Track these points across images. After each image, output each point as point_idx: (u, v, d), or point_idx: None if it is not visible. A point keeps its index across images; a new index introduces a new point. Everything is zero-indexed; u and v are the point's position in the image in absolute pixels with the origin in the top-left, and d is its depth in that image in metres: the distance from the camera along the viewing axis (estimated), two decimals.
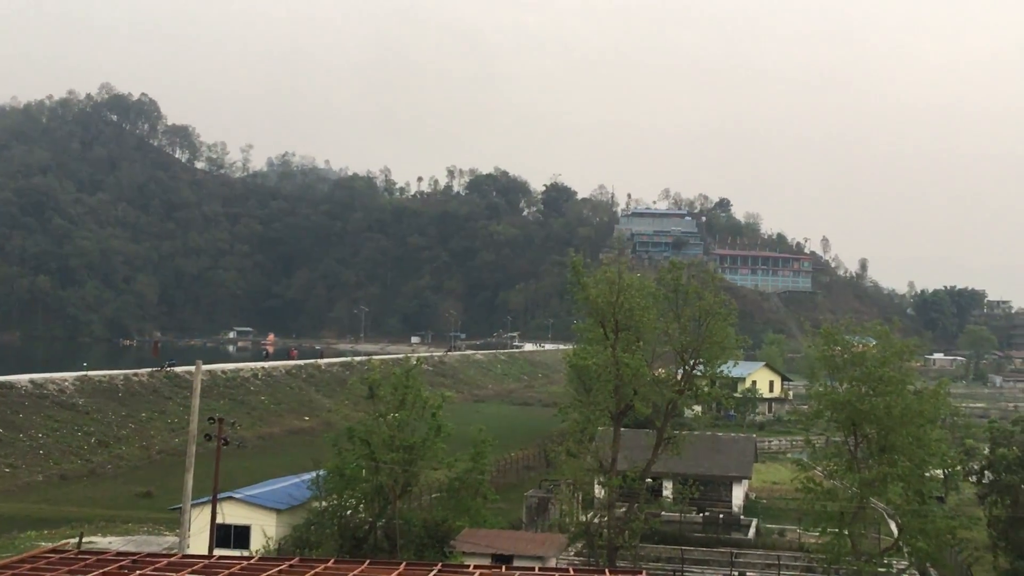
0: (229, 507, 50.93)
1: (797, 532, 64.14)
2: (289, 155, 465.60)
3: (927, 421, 49.51)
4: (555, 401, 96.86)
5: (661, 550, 60.11)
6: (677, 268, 54.36)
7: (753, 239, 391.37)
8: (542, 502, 66.29)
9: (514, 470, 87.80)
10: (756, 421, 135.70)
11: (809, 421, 53.72)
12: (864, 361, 50.49)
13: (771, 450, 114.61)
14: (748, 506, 75.60)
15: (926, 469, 50.72)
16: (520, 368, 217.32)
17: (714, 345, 52.74)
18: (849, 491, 49.04)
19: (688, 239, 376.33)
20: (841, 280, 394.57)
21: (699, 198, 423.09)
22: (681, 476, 66.66)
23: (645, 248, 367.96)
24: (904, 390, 49.60)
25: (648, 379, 52.68)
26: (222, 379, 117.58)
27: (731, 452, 76.72)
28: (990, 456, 53.35)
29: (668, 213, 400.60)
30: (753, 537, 66.53)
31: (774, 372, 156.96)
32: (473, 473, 52.48)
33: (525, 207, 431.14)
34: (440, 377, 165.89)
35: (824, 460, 51.19)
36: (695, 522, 68.58)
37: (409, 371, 51.59)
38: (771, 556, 60.26)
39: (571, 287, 56.01)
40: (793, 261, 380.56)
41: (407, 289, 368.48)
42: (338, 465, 49.87)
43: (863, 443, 49.96)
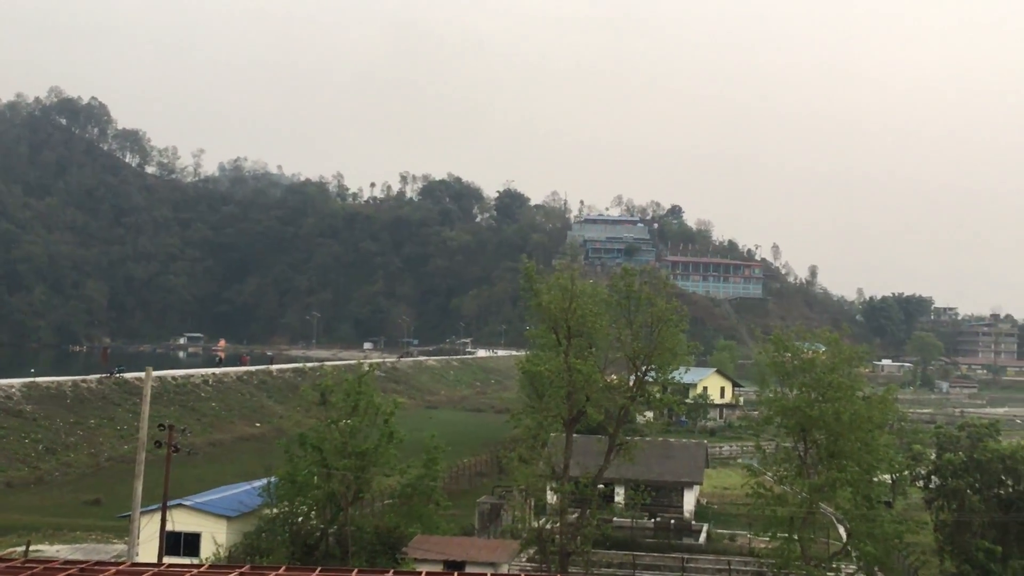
0: (179, 515, 50.56)
1: (747, 537, 64.54)
2: (241, 160, 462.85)
3: (875, 427, 49.98)
4: (508, 407, 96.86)
5: (613, 556, 60.31)
6: (629, 275, 54.58)
7: (705, 246, 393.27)
8: (494, 508, 66.27)
9: (466, 476, 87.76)
10: (707, 427, 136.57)
11: (759, 427, 54.16)
12: (814, 367, 50.96)
13: (722, 456, 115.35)
14: (699, 511, 76.00)
15: (874, 474, 51.18)
16: (473, 374, 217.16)
17: (666, 351, 52.96)
18: (799, 496, 49.41)
19: (640, 246, 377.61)
20: (791, 287, 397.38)
21: (651, 205, 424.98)
22: (633, 482, 66.84)
23: (598, 255, 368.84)
24: (853, 396, 50.06)
25: (600, 385, 52.80)
26: (172, 385, 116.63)
27: (682, 458, 77.09)
28: (937, 461, 53.97)
29: (620, 220, 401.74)
30: (704, 542, 66.90)
31: (725, 378, 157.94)
32: (425, 479, 52.42)
33: (478, 213, 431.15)
34: (393, 383, 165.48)
35: (774, 465, 51.54)
36: (647, 528, 68.83)
37: (361, 377, 51.46)
38: (722, 561, 60.62)
39: (524, 293, 56.12)
40: (744, 268, 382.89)
41: (359, 295, 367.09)
42: (290, 472, 49.63)
43: (813, 449, 50.38)
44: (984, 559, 48.44)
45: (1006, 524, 50.42)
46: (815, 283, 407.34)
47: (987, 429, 55.00)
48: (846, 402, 49.02)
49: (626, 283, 53.58)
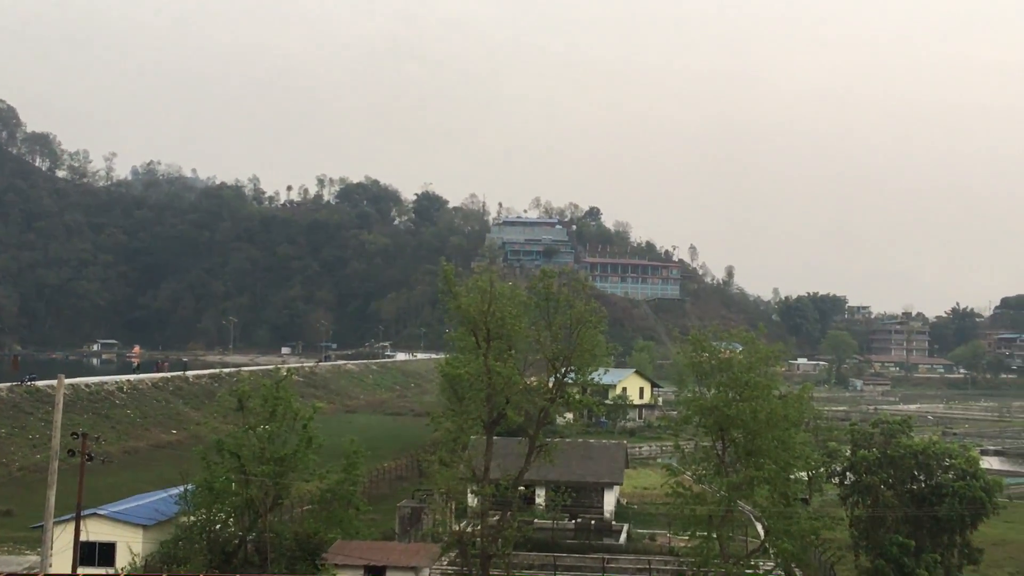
0: (93, 524, 49.67)
1: (667, 536, 64.99)
2: (154, 164, 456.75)
3: (791, 425, 50.57)
4: (428, 411, 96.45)
5: (534, 557, 60.39)
6: (548, 276, 54.67)
7: (623, 247, 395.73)
8: (415, 512, 66.05)
9: (386, 481, 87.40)
10: (627, 427, 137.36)
11: (678, 426, 54.50)
12: (731, 367, 51.42)
13: (642, 456, 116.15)
14: (619, 512, 76.38)
15: (791, 472, 51.77)
16: (392, 378, 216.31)
17: (585, 353, 53.12)
18: (717, 495, 49.85)
19: (559, 247, 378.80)
20: (709, 287, 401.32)
21: (569, 207, 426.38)
22: (553, 483, 67.01)
23: (517, 257, 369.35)
24: (769, 395, 50.61)
25: (520, 387, 52.82)
26: (86, 393, 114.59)
27: (602, 459, 77.40)
28: (851, 458, 54.75)
29: (539, 222, 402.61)
30: (624, 542, 67.26)
31: (644, 379, 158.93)
32: (345, 484, 52.07)
33: (396, 216, 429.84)
34: (311, 388, 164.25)
35: (693, 465, 51.93)
36: (567, 529, 69.01)
37: (279, 382, 51.00)
38: (642, 560, 61.00)
39: (443, 296, 55.94)
40: (662, 269, 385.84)
41: (277, 299, 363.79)
42: (207, 479, 48.99)
43: (730, 447, 50.84)
44: (898, 553, 49.26)
45: (919, 518, 51.34)
46: (732, 283, 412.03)
47: (900, 426, 55.93)
48: (763, 401, 49.53)
49: (545, 285, 53.65)
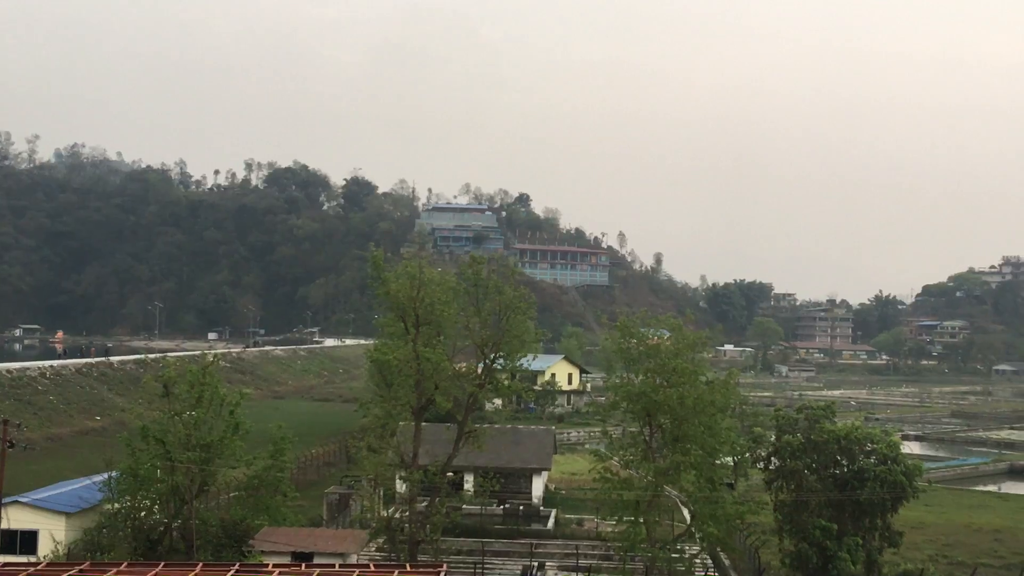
0: (15, 512, 48.98)
1: (595, 521, 65.45)
2: (79, 146, 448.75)
3: (718, 410, 51.11)
4: (356, 397, 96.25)
5: (462, 543, 60.51)
6: (477, 262, 54.68)
7: (553, 234, 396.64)
8: (343, 499, 65.88)
9: (314, 467, 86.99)
10: (555, 413, 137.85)
11: (606, 412, 54.83)
12: (658, 353, 51.81)
13: (570, 441, 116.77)
14: (548, 497, 76.72)
15: (717, 457, 52.35)
16: (321, 364, 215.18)
17: (514, 339, 53.27)
18: (644, 480, 50.25)
19: (489, 233, 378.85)
20: (637, 274, 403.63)
21: (499, 193, 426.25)
22: (482, 469, 67.13)
23: (446, 243, 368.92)
24: (696, 381, 51.09)
25: (449, 373, 52.85)
26: (7, 379, 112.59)
27: (531, 444, 77.64)
28: (776, 443, 55.35)
29: (469, 208, 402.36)
30: (552, 527, 67.60)
31: (573, 365, 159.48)
32: (272, 471, 51.78)
33: (325, 201, 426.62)
34: (238, 374, 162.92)
35: (620, 450, 52.27)
36: (496, 514, 69.24)
37: (206, 368, 50.49)
38: (570, 546, 61.34)
39: (372, 282, 55.78)
40: (591, 255, 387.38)
41: (204, 284, 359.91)
42: (131, 466, 48.41)
43: (658, 433, 51.27)
44: (820, 536, 49.99)
45: (841, 502, 52.10)
46: (660, 270, 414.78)
47: (823, 411, 56.64)
48: (690, 387, 50.01)
49: (474, 271, 53.68)
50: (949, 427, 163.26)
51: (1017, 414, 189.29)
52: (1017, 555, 62.71)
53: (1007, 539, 68.94)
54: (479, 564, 56.87)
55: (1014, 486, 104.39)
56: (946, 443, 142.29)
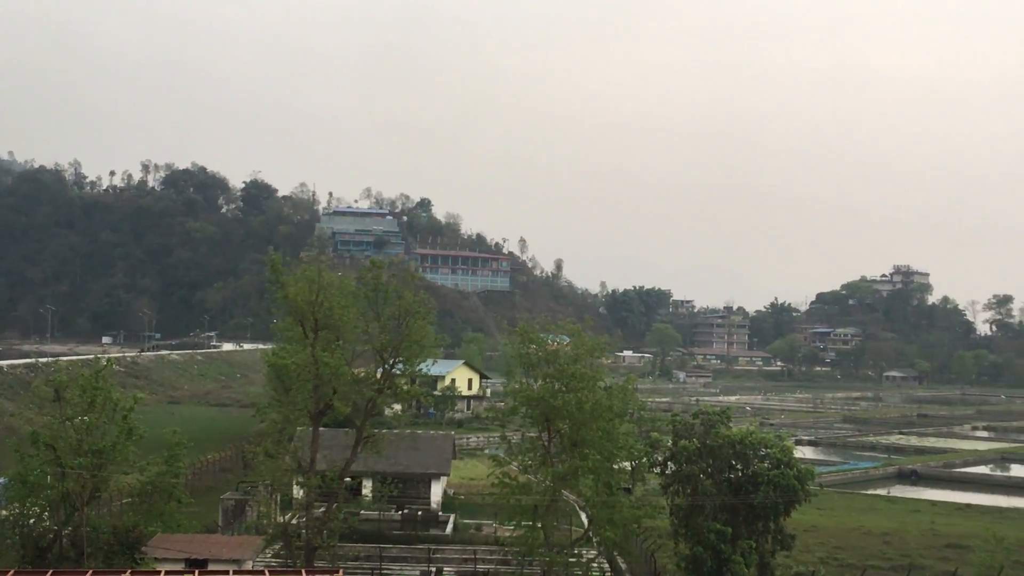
0: None
1: (493, 526, 65.51)
2: None
3: (616, 416, 51.45)
4: (253, 402, 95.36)
5: (360, 549, 60.18)
6: (377, 267, 54.48)
7: (453, 239, 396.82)
8: (239, 504, 65.13)
9: (210, 473, 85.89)
10: (455, 418, 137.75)
11: (505, 417, 54.91)
12: (557, 359, 52.03)
13: (470, 447, 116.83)
14: (446, 502, 76.69)
15: (615, 462, 52.69)
16: (218, 368, 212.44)
17: (414, 344, 53.14)
18: (543, 485, 50.41)
19: (389, 238, 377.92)
20: (538, 280, 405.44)
21: (400, 197, 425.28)
22: (380, 474, 66.88)
23: (347, 247, 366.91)
24: (595, 386, 51.40)
25: (348, 378, 52.54)
26: None
27: (430, 449, 77.57)
28: (673, 448, 55.88)
29: (370, 212, 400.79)
30: (451, 533, 67.57)
31: (473, 370, 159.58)
32: (166, 477, 50.93)
33: (224, 204, 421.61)
34: (133, 379, 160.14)
35: (519, 455, 52.45)
36: (394, 520, 68.99)
37: (99, 372, 49.50)
38: (468, 551, 61.40)
39: (270, 286, 55.22)
40: (492, 261, 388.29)
41: (98, 287, 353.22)
42: (20, 472, 47.28)
43: (556, 438, 51.47)
44: (715, 540, 50.62)
45: (735, 506, 52.81)
46: (561, 276, 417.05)
47: (719, 416, 57.34)
48: (588, 392, 50.29)
49: (374, 275, 53.47)
50: (841, 432, 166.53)
51: (906, 419, 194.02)
52: (904, 557, 64.22)
53: (895, 541, 70.58)
54: (376, 570, 56.62)
55: (902, 490, 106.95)
56: (838, 448, 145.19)
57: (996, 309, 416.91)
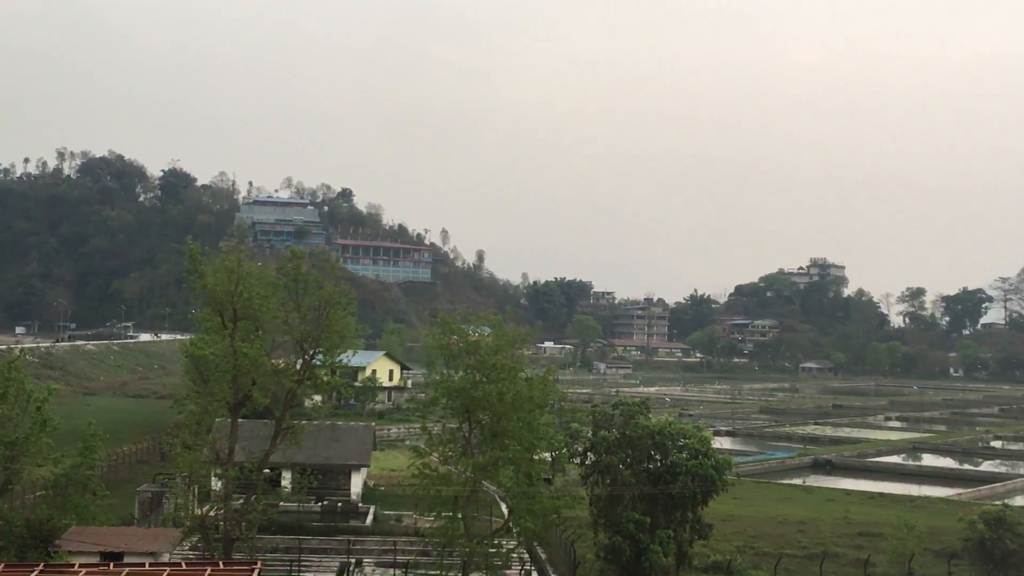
0: None
1: (413, 517, 65.53)
2: None
3: (536, 406, 51.67)
4: (171, 393, 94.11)
5: (279, 541, 59.89)
6: (298, 257, 54.13)
7: (375, 230, 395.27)
8: (156, 497, 64.45)
9: (126, 465, 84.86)
10: (376, 410, 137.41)
11: (426, 408, 54.93)
12: (478, 350, 52.13)
13: (390, 438, 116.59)
14: (366, 494, 76.56)
15: (535, 452, 52.90)
16: (135, 359, 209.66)
17: (334, 334, 52.86)
18: (463, 475, 50.49)
19: (311, 228, 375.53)
20: (460, 271, 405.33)
21: (322, 188, 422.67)
22: (300, 466, 66.57)
23: (267, 237, 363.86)
24: (516, 377, 51.54)
25: (267, 369, 52.15)
26: None
27: (350, 441, 77.36)
28: (592, 439, 56.28)
29: (290, 202, 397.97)
30: (371, 524, 67.46)
31: (394, 361, 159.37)
32: (81, 469, 50.15)
33: (142, 193, 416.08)
34: (47, 369, 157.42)
35: (440, 446, 52.42)
36: (314, 511, 68.75)
37: (11, 363, 48.60)
38: (388, 542, 61.35)
39: (188, 275, 54.60)
40: (414, 252, 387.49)
41: (11, 277, 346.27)
42: None
43: (477, 429, 51.56)
44: (634, 530, 51.07)
45: (654, 496, 53.33)
46: (482, 267, 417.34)
47: (638, 407, 57.84)
48: (509, 383, 50.42)
49: (294, 266, 53.08)
50: (758, 423, 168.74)
51: (821, 410, 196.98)
52: (819, 545, 65.27)
53: (810, 530, 71.65)
54: (296, 561, 56.35)
55: (817, 479, 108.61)
56: (755, 438, 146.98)
57: (909, 301, 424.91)
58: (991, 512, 57.06)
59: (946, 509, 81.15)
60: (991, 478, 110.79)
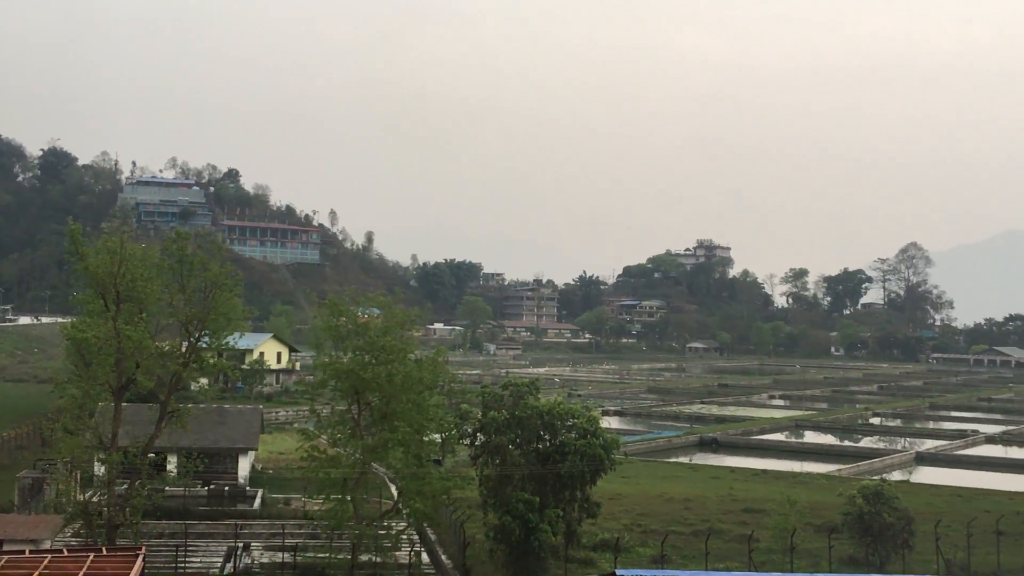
0: None
1: (302, 500, 65.13)
2: None
3: (426, 388, 51.64)
4: (52, 377, 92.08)
5: (164, 526, 59.06)
6: (183, 238, 53.28)
7: (263, 211, 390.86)
8: (36, 483, 63.09)
9: (6, 451, 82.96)
10: (264, 392, 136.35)
11: (314, 391, 54.53)
12: (368, 331, 51.91)
13: (279, 420, 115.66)
14: (254, 477, 75.89)
15: (425, 434, 52.87)
16: (13, 343, 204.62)
17: (220, 316, 52.18)
18: (352, 458, 50.32)
19: (196, 209, 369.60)
20: (348, 252, 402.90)
21: (208, 168, 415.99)
22: (186, 450, 65.76)
23: (151, 218, 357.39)
24: (405, 358, 51.43)
25: (151, 352, 51.30)
26: None
27: (237, 424, 76.59)
28: (482, 419, 56.46)
29: (175, 183, 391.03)
30: (259, 508, 66.89)
31: (282, 343, 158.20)
32: None
33: (20, 172, 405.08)
34: None
35: (329, 428, 52.13)
36: (200, 496, 67.89)
37: None
38: (276, 525, 60.87)
39: (69, 257, 53.39)
40: (302, 233, 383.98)
41: None
42: None
43: (366, 411, 51.39)
44: (524, 509, 51.36)
45: (543, 476, 53.70)
46: (372, 249, 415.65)
47: (527, 387, 58.13)
48: (398, 364, 50.31)
49: (179, 247, 52.26)
50: (646, 402, 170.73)
51: (707, 389, 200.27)
52: (705, 521, 66.41)
53: (696, 507, 72.86)
54: (181, 547, 55.61)
55: (703, 457, 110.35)
56: (643, 417, 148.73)
57: (792, 282, 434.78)
58: (870, 487, 58.53)
59: (827, 485, 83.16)
60: (870, 454, 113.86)
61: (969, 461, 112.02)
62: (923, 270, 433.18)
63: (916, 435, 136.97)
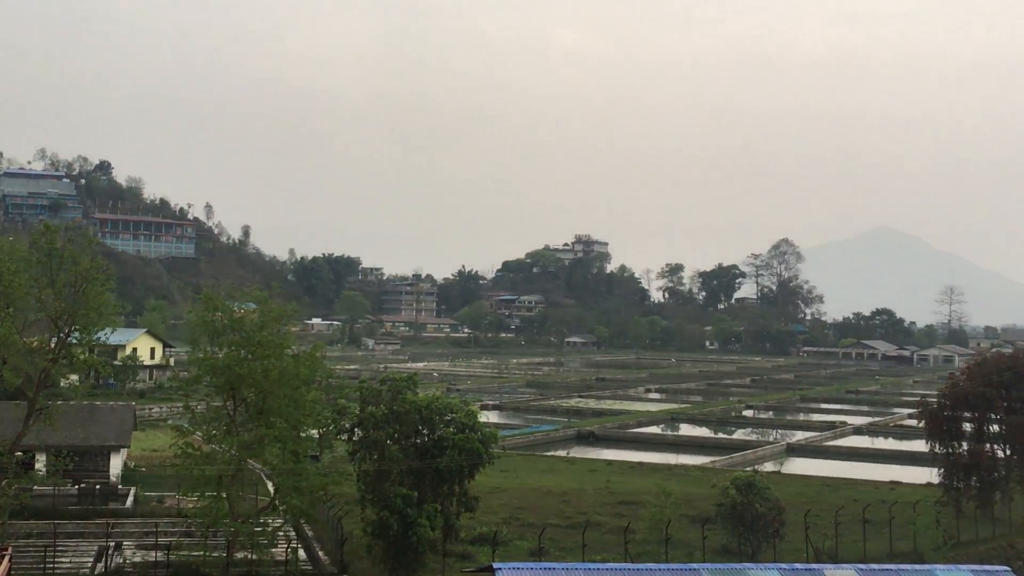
0: None
1: (176, 498, 64.10)
2: None
3: (303, 383, 51.19)
4: None
5: (32, 526, 57.60)
6: (52, 231, 52.10)
7: (136, 204, 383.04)
8: None
9: None
10: (137, 389, 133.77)
11: (189, 387, 53.70)
12: (243, 326, 51.26)
13: (152, 417, 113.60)
14: (127, 475, 74.57)
15: (302, 429, 52.50)
16: None
17: (91, 311, 51.12)
18: (228, 454, 49.73)
19: (66, 202, 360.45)
20: (224, 246, 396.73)
21: (79, 160, 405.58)
22: (55, 448, 64.32)
23: (19, 211, 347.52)
24: (282, 354, 50.92)
25: (19, 348, 50.03)
26: None
27: (109, 421, 75.13)
28: (360, 414, 56.26)
29: (44, 174, 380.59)
30: (131, 506, 65.74)
31: (156, 339, 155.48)
32: None
33: None
34: None
35: (203, 425, 51.37)
36: (70, 494, 66.42)
37: None
38: (149, 523, 59.79)
39: None
40: (176, 227, 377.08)
41: None
42: None
43: (242, 407, 50.78)
44: (402, 504, 51.29)
45: (422, 471, 53.74)
46: (248, 243, 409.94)
47: (406, 382, 58.03)
48: (275, 360, 49.78)
49: (48, 240, 51.07)
50: (524, 396, 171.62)
51: (585, 383, 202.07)
52: (582, 514, 67.07)
53: (573, 500, 73.57)
54: (50, 547, 54.31)
55: (580, 451, 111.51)
56: (521, 412, 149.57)
57: (668, 277, 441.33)
58: (742, 478, 59.78)
59: (701, 476, 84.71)
60: (743, 446, 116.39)
61: (837, 452, 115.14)
62: (794, 265, 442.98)
63: (787, 427, 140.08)
